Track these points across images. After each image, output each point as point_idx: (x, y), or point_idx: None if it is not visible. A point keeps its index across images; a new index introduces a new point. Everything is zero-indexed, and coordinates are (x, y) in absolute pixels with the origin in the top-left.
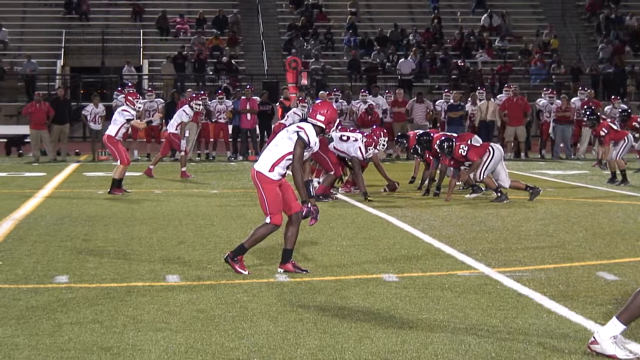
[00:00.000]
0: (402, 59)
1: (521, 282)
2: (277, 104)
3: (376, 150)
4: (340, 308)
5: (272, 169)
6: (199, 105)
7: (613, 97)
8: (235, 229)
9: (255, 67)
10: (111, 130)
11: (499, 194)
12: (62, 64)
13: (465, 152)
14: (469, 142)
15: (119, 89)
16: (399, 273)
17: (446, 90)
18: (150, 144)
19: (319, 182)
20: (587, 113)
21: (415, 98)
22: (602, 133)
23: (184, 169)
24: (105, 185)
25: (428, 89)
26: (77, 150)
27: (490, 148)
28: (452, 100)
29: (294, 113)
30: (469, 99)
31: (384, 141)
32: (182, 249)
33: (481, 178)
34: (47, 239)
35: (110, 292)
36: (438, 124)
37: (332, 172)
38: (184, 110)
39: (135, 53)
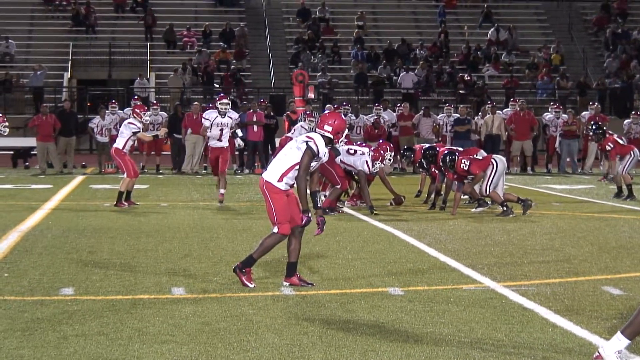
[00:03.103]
0: (403, 73)
1: (526, 297)
2: (284, 117)
3: (382, 165)
4: (346, 321)
5: (280, 179)
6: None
7: (634, 112)
8: (241, 242)
9: (262, 80)
10: (119, 143)
11: (505, 208)
12: (69, 76)
13: (467, 166)
14: (472, 156)
15: (135, 97)
16: (404, 287)
17: (447, 104)
18: (150, 156)
19: (325, 196)
20: (593, 127)
21: (423, 112)
22: (607, 147)
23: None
24: (112, 197)
25: (435, 102)
26: (83, 163)
27: (493, 161)
28: (458, 115)
29: (301, 127)
30: (479, 113)
31: (390, 155)
32: (188, 262)
33: (487, 192)
34: (53, 251)
35: (116, 305)
36: (439, 138)
37: (339, 186)
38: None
39: (142, 66)
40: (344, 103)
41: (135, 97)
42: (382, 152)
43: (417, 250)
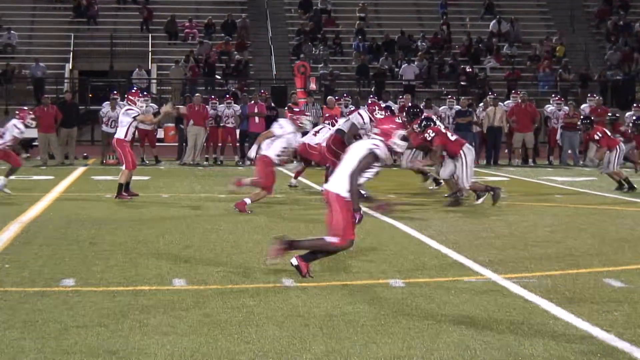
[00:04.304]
0: (405, 64)
1: (528, 289)
2: (286, 109)
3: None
4: (347, 313)
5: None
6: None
7: (635, 105)
8: (242, 234)
9: (264, 72)
10: (120, 133)
11: (455, 197)
12: (70, 67)
13: (430, 137)
14: (447, 135)
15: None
16: (405, 279)
17: (449, 96)
18: (143, 148)
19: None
20: (581, 117)
21: (424, 104)
22: (596, 137)
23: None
24: (113, 189)
25: (436, 94)
26: (85, 154)
27: (462, 151)
28: (459, 107)
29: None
30: (482, 104)
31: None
32: (189, 253)
33: (467, 186)
34: (54, 242)
35: (117, 296)
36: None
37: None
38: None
39: (143, 57)
40: (345, 94)
41: (134, 88)
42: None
43: (419, 242)
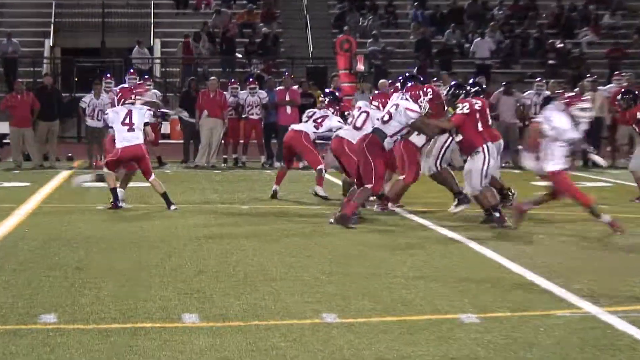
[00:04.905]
0: (478, 39)
1: (638, 325)
2: (322, 97)
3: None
4: (405, 357)
5: None
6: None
7: None
8: (271, 255)
9: (297, 49)
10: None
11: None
12: (51, 44)
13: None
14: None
15: (131, 70)
16: (480, 313)
17: (537, 79)
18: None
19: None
20: (622, 92)
21: (503, 89)
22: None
23: None
24: (106, 198)
25: (518, 77)
26: (69, 154)
27: (485, 147)
28: (548, 92)
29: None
30: (576, 89)
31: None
32: (203, 281)
33: (478, 190)
34: (31, 267)
35: (111, 335)
36: (527, 122)
37: (370, 186)
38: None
39: (144, 31)
40: (401, 77)
41: (132, 70)
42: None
43: (497, 266)
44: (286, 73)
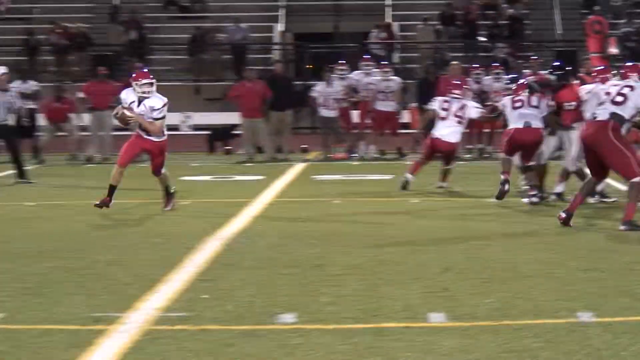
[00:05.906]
0: None
1: None
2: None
3: None
4: None
5: None
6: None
7: None
8: (521, 251)
9: (545, 32)
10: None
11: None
12: (282, 29)
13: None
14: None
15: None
16: None
17: None
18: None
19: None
20: None
21: None
22: None
23: None
24: (341, 192)
25: None
26: (303, 145)
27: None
28: None
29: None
30: None
31: None
32: (448, 278)
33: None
34: (268, 264)
35: (353, 336)
36: None
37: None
38: None
39: (380, 13)
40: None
41: (367, 56)
42: None
43: None
44: (533, 57)
